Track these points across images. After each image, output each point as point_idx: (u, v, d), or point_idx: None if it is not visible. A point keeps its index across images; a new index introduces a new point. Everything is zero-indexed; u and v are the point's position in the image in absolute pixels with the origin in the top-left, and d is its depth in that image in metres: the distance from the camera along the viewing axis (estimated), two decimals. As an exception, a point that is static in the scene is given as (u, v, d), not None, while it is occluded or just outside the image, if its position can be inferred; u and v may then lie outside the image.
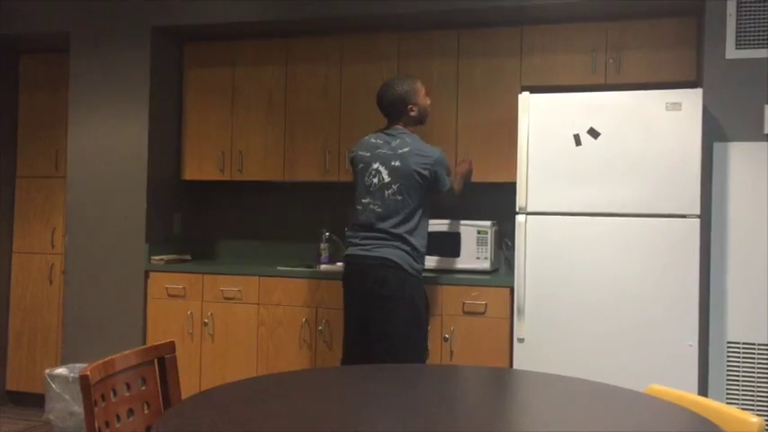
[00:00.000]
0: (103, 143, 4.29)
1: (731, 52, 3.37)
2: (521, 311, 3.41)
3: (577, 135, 3.37)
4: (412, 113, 3.32)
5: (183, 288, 4.08)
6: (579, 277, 3.35)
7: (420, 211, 3.24)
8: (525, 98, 3.46)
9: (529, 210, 3.43)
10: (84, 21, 4.34)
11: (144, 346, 1.99)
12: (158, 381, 2.01)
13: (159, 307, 4.13)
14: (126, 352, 1.89)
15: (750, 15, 3.36)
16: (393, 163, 3.22)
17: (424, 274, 3.32)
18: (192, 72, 4.47)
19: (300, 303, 3.90)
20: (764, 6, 3.34)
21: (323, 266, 4.17)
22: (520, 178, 3.44)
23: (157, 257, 4.22)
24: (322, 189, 4.50)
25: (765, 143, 3.31)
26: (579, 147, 3.37)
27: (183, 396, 2.04)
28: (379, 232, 3.21)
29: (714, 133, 3.37)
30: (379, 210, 3.21)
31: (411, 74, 3.45)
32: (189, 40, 4.47)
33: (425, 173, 3.19)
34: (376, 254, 3.18)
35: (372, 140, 3.33)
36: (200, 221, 4.78)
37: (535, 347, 3.39)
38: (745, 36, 3.36)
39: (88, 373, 1.67)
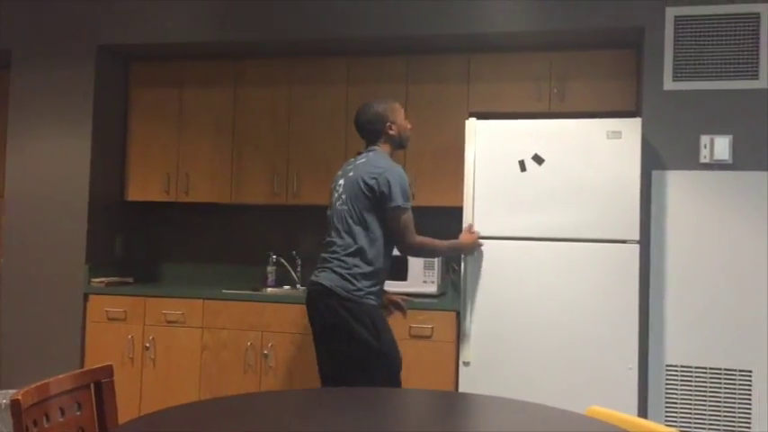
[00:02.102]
0: (44, 162, 4.18)
1: (668, 84, 3.50)
2: (466, 335, 3.43)
3: (522, 161, 3.44)
4: (391, 132, 3.14)
5: (124, 311, 3.97)
6: (523, 301, 3.39)
7: (366, 225, 3.00)
8: (472, 124, 3.51)
9: (475, 234, 3.46)
10: (26, 37, 4.24)
11: (80, 370, 1.93)
12: (94, 406, 1.95)
13: (98, 331, 4.01)
14: (60, 376, 1.83)
15: (686, 49, 3.49)
16: (349, 174, 3.08)
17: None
18: (138, 92, 4.40)
19: (246, 327, 3.84)
20: (699, 41, 3.48)
21: (269, 290, 4.13)
22: (466, 202, 3.48)
23: (98, 280, 4.10)
24: (270, 212, 4.46)
25: (701, 172, 3.43)
26: (524, 172, 3.43)
27: (121, 422, 1.98)
28: (330, 251, 3.06)
29: (652, 161, 3.48)
30: (335, 220, 3.08)
31: (390, 97, 3.38)
32: (135, 59, 4.41)
33: (371, 182, 2.97)
34: (317, 279, 3.05)
35: (351, 160, 3.22)
36: (143, 243, 4.68)
37: (480, 371, 3.41)
38: (681, 69, 3.49)
39: (20, 397, 1.60)
